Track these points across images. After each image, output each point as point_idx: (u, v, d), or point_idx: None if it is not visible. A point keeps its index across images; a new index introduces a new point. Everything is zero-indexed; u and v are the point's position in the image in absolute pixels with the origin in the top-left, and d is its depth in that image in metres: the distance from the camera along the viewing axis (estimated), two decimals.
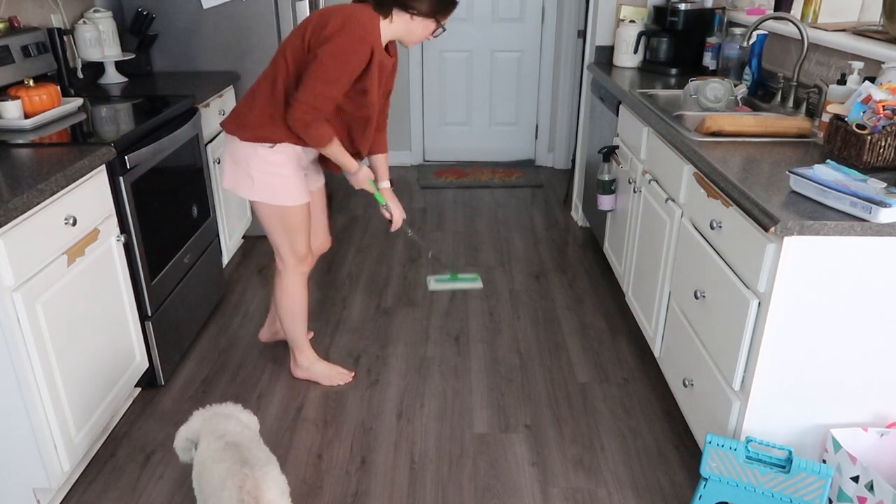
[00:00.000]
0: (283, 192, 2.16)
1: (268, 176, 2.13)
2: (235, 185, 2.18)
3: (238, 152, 2.13)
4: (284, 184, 2.15)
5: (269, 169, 2.12)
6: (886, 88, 1.88)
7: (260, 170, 2.12)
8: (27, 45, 2.53)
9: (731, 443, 1.74)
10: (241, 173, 2.15)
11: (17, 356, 1.72)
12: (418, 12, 2.04)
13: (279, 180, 2.14)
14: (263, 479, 1.52)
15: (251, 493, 1.49)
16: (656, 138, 2.47)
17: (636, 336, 2.83)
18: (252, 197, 2.17)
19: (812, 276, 1.61)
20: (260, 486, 1.50)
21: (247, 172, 2.13)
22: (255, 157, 2.11)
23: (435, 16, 2.08)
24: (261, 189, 2.15)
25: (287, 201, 2.17)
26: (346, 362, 2.65)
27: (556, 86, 4.92)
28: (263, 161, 2.11)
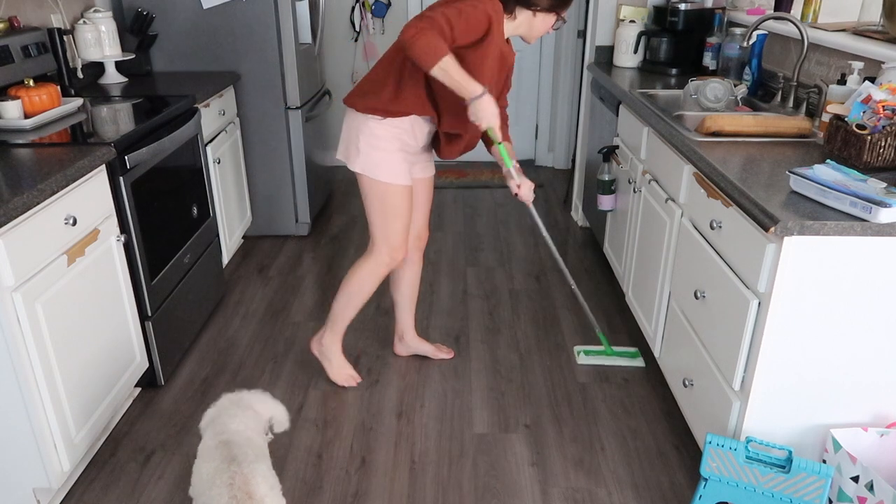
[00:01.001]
0: (385, 168, 2.14)
1: (372, 149, 2.13)
2: (346, 155, 2.19)
3: (351, 122, 2.16)
4: (387, 160, 2.14)
5: (374, 142, 2.12)
6: (886, 88, 1.88)
7: (366, 142, 2.13)
8: (27, 45, 2.53)
9: (731, 443, 1.74)
10: (352, 144, 2.16)
11: (17, 356, 1.72)
12: (540, 8, 2.04)
13: (382, 155, 2.13)
14: (252, 475, 1.52)
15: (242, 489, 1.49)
16: (656, 138, 2.47)
17: (636, 336, 2.83)
18: (356, 168, 2.17)
19: (812, 276, 1.61)
20: (249, 482, 1.51)
21: (355, 143, 2.15)
22: (364, 128, 2.12)
23: (555, 9, 2.06)
24: (364, 161, 2.15)
25: (387, 178, 2.15)
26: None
27: (556, 86, 4.92)
28: (371, 133, 2.12)
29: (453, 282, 3.29)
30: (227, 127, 3.27)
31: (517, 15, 2.05)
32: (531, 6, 2.04)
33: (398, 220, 2.22)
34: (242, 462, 1.55)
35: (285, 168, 3.62)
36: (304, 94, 3.60)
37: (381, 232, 2.23)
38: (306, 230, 3.80)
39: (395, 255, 2.27)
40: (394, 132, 2.13)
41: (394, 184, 2.17)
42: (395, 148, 2.15)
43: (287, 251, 3.62)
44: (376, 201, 2.20)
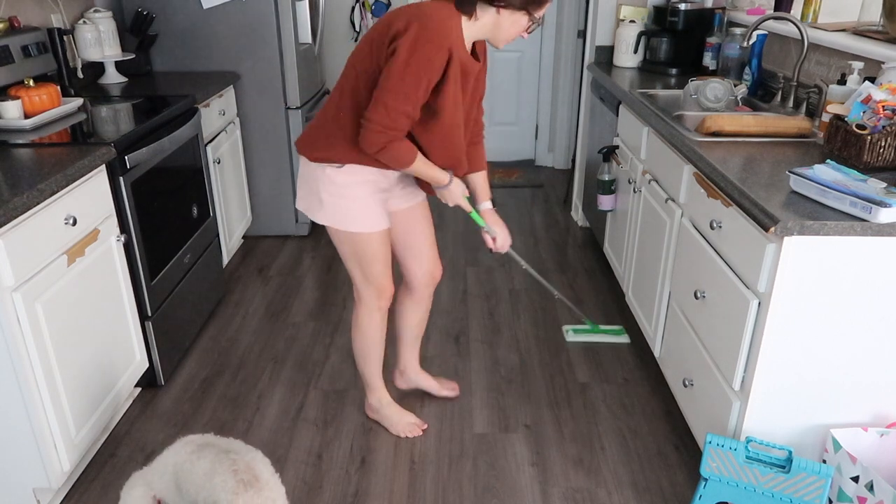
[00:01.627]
0: (353, 217, 1.94)
1: (336, 198, 1.92)
2: (307, 207, 1.99)
3: (307, 173, 1.95)
4: (354, 207, 1.93)
5: (337, 191, 1.91)
6: (886, 88, 1.88)
7: (328, 192, 1.92)
8: (27, 45, 2.53)
9: (731, 443, 1.74)
10: (312, 194, 1.96)
11: (17, 356, 1.72)
12: (507, 4, 1.73)
13: (349, 203, 1.93)
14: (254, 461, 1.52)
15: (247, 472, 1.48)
16: (656, 138, 2.47)
17: (636, 336, 2.83)
18: (321, 220, 1.98)
19: (812, 276, 1.61)
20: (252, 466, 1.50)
21: (316, 194, 1.94)
22: (322, 178, 1.91)
23: (526, 7, 1.74)
24: (330, 212, 1.95)
25: (356, 227, 1.95)
26: (346, 362, 2.65)
27: (556, 86, 4.92)
28: (331, 182, 1.91)
29: (453, 282, 3.29)
30: (227, 127, 3.27)
31: (479, 15, 1.76)
32: (494, 2, 1.73)
33: (376, 264, 2.03)
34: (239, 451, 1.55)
35: (285, 168, 3.62)
36: (304, 94, 3.60)
37: (362, 279, 2.06)
38: (306, 230, 3.80)
39: (383, 295, 2.10)
40: (361, 175, 1.91)
41: (367, 232, 1.97)
42: (363, 193, 1.93)
43: (287, 251, 3.62)
44: (349, 252, 2.02)
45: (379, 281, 2.06)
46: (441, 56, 1.69)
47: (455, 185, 1.98)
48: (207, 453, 1.56)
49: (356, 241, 1.98)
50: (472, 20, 1.76)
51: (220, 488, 1.47)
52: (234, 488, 1.46)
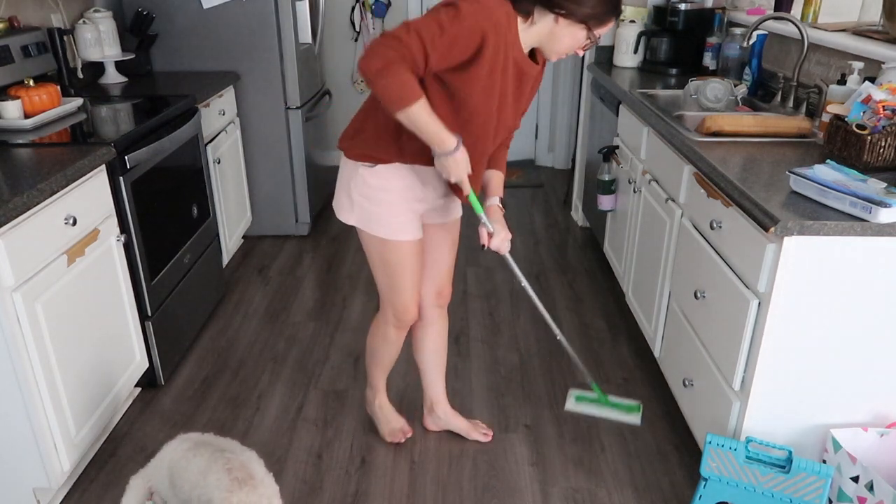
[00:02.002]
0: (380, 222, 1.82)
1: (366, 201, 1.81)
2: (338, 204, 1.90)
3: (342, 169, 1.87)
4: (383, 212, 1.81)
5: (368, 193, 1.80)
6: (886, 88, 1.88)
7: (359, 192, 1.81)
8: (27, 45, 2.53)
9: (731, 443, 1.74)
10: (343, 192, 1.87)
11: (17, 356, 1.72)
12: (567, 13, 1.57)
13: (378, 207, 1.81)
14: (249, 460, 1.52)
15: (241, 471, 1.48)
16: (656, 138, 2.47)
17: (636, 336, 2.83)
18: (350, 220, 1.86)
19: (812, 276, 1.61)
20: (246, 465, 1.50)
21: (347, 193, 1.85)
22: (355, 177, 1.81)
23: (587, 21, 1.59)
24: (359, 214, 1.84)
25: (384, 232, 1.83)
26: (345, 362, 2.65)
27: (556, 86, 4.92)
28: (363, 182, 1.80)
29: (453, 282, 3.29)
30: (227, 127, 3.27)
31: (536, 19, 1.61)
32: (554, 8, 1.57)
33: (404, 277, 1.91)
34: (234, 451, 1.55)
35: (285, 168, 3.61)
36: (304, 94, 3.60)
37: (386, 291, 1.95)
38: (306, 230, 3.80)
39: (402, 317, 1.98)
40: (394, 179, 1.79)
41: (394, 240, 1.85)
42: (395, 198, 1.81)
43: (287, 251, 3.62)
44: (376, 258, 1.90)
45: (402, 298, 1.94)
46: (473, 30, 1.53)
47: (462, 154, 1.67)
48: (203, 451, 1.56)
49: (385, 248, 1.86)
50: (529, 24, 1.62)
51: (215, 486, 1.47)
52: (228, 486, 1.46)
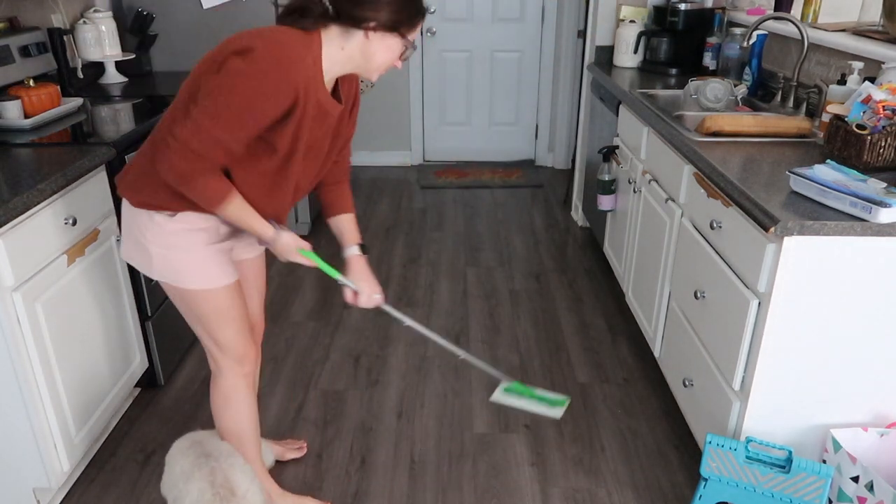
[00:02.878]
0: (189, 272, 1.59)
1: (167, 250, 1.57)
2: (135, 259, 1.63)
3: (131, 218, 1.59)
4: (190, 261, 1.59)
5: (167, 241, 1.56)
6: (886, 88, 1.88)
7: (157, 242, 1.57)
8: (27, 45, 2.53)
9: (731, 443, 1.74)
10: (138, 246, 1.60)
11: (17, 356, 1.72)
12: (378, 24, 1.42)
13: (183, 256, 1.58)
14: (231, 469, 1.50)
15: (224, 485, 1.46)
16: (656, 138, 2.47)
17: (636, 336, 2.83)
18: (153, 275, 1.61)
19: (812, 276, 1.61)
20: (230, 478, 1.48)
21: (143, 245, 1.58)
22: (149, 226, 1.56)
23: (397, 28, 1.45)
24: (160, 266, 1.59)
25: (194, 283, 1.60)
26: (346, 362, 2.65)
27: (556, 86, 4.92)
28: (161, 231, 1.55)
29: (453, 282, 3.29)
30: None
31: (344, 42, 1.45)
32: (361, 23, 1.41)
33: (230, 324, 1.68)
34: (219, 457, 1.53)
35: None
36: None
37: (213, 346, 1.71)
38: (306, 230, 3.80)
39: (244, 359, 1.74)
40: (197, 223, 1.57)
41: (212, 288, 1.62)
42: (199, 242, 1.59)
43: None
44: (189, 312, 1.67)
45: (234, 346, 1.71)
46: (286, 92, 1.38)
47: (287, 237, 1.60)
48: (190, 454, 1.55)
49: (196, 300, 1.63)
50: (338, 48, 1.45)
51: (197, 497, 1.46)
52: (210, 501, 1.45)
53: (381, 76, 1.61)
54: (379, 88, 4.89)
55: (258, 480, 1.60)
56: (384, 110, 4.97)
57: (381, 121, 5.00)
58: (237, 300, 1.68)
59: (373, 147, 5.09)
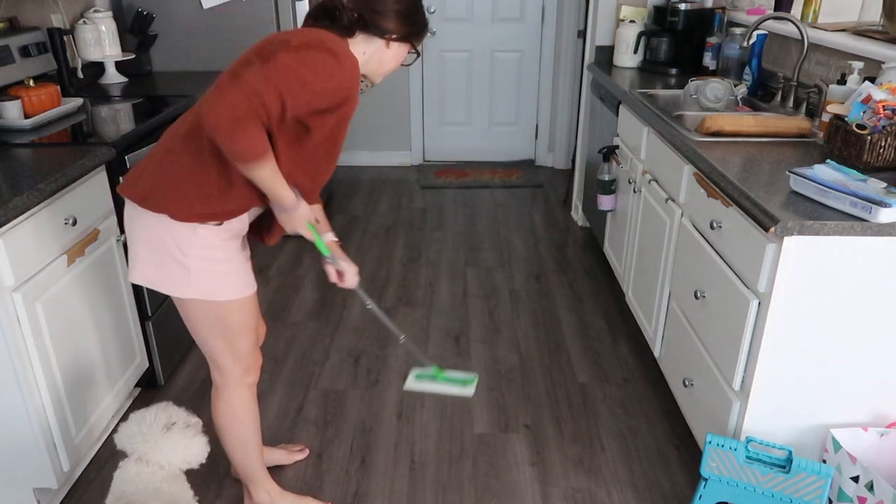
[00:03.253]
0: (229, 283, 1.61)
1: (211, 263, 1.56)
2: (158, 280, 1.58)
3: (164, 235, 1.53)
4: (231, 271, 1.61)
5: (213, 254, 1.56)
6: (886, 88, 1.88)
7: (201, 256, 1.55)
8: (27, 45, 2.53)
9: (731, 443, 1.74)
10: (169, 263, 1.55)
11: (18, 356, 1.72)
12: (399, 36, 1.55)
13: (225, 267, 1.59)
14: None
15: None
16: (656, 138, 2.47)
17: (636, 336, 2.83)
18: (188, 294, 1.58)
19: (812, 276, 1.61)
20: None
21: (179, 262, 1.54)
22: (193, 240, 1.53)
23: (411, 38, 1.59)
24: (200, 283, 1.57)
25: (232, 294, 1.62)
26: (346, 362, 2.65)
27: (556, 86, 4.92)
28: (206, 243, 1.54)
29: (453, 282, 3.29)
30: None
31: (366, 48, 1.56)
32: (385, 34, 1.54)
33: (246, 334, 1.70)
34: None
35: None
36: None
37: (228, 356, 1.70)
38: None
39: (253, 367, 1.77)
40: (232, 233, 1.59)
41: (242, 297, 1.65)
42: (236, 250, 1.62)
43: (287, 251, 3.62)
44: (216, 327, 1.65)
45: (249, 354, 1.73)
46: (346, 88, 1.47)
47: (304, 208, 1.61)
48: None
49: (229, 311, 1.63)
50: (360, 54, 1.55)
51: None
52: None
53: None
54: (379, 88, 4.89)
55: None
56: (384, 110, 4.98)
57: (381, 121, 5.01)
58: (256, 306, 1.73)
59: (373, 147, 5.09)
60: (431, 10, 4.71)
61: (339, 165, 5.09)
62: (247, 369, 1.74)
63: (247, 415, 1.78)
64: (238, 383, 1.74)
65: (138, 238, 1.56)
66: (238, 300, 1.64)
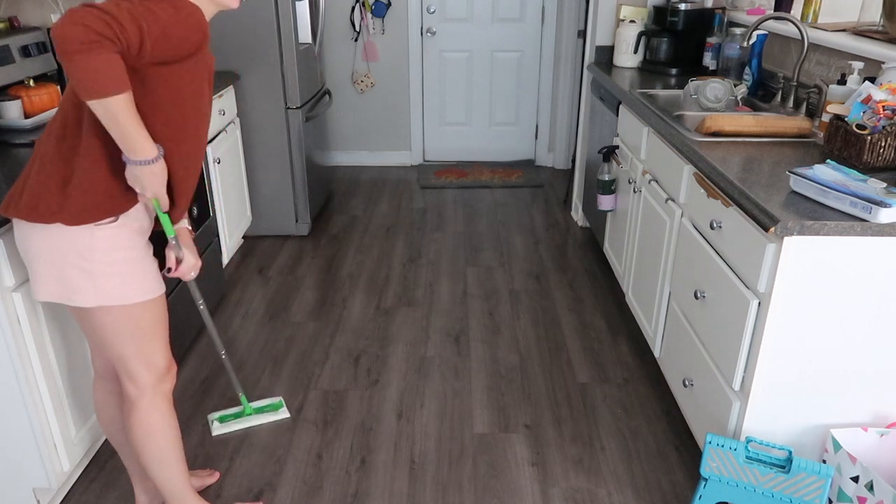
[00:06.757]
0: (137, 283, 1.51)
1: (116, 266, 1.46)
2: (62, 293, 1.47)
3: (62, 244, 1.43)
4: (138, 269, 1.50)
5: (116, 255, 1.46)
6: (886, 88, 1.88)
7: (105, 260, 1.45)
8: (27, 45, 2.53)
9: (731, 443, 1.74)
10: (72, 273, 1.45)
11: (18, 356, 1.72)
12: None
13: (132, 267, 1.49)
14: None
15: None
16: (656, 138, 2.47)
17: (636, 336, 2.83)
18: (95, 301, 1.47)
19: (812, 276, 1.61)
20: None
21: (82, 269, 1.44)
22: (95, 244, 1.44)
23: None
24: (107, 288, 1.46)
25: (141, 295, 1.52)
26: (346, 362, 2.65)
27: (556, 86, 4.92)
28: (110, 246, 1.45)
29: (453, 282, 3.29)
30: (227, 127, 3.27)
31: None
32: None
33: (163, 334, 1.61)
34: None
35: (285, 168, 3.62)
36: (304, 94, 3.60)
37: (141, 363, 1.59)
38: (306, 230, 3.80)
39: (169, 373, 1.66)
40: (134, 227, 1.50)
41: (153, 298, 1.55)
42: (142, 248, 1.52)
43: (287, 251, 3.62)
44: (128, 331, 1.54)
45: (162, 359, 1.62)
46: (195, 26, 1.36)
47: (161, 166, 1.42)
48: None
49: (139, 313, 1.53)
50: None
51: None
52: None
53: None
54: (379, 88, 4.89)
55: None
56: (384, 110, 4.98)
57: (381, 121, 5.01)
58: (165, 305, 1.62)
59: (373, 147, 5.09)
60: (431, 10, 4.71)
61: (339, 165, 5.10)
62: (161, 376, 1.63)
63: (166, 426, 1.65)
64: (154, 392, 1.63)
65: (34, 256, 1.46)
66: (148, 300, 1.54)
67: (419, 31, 4.75)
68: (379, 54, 4.80)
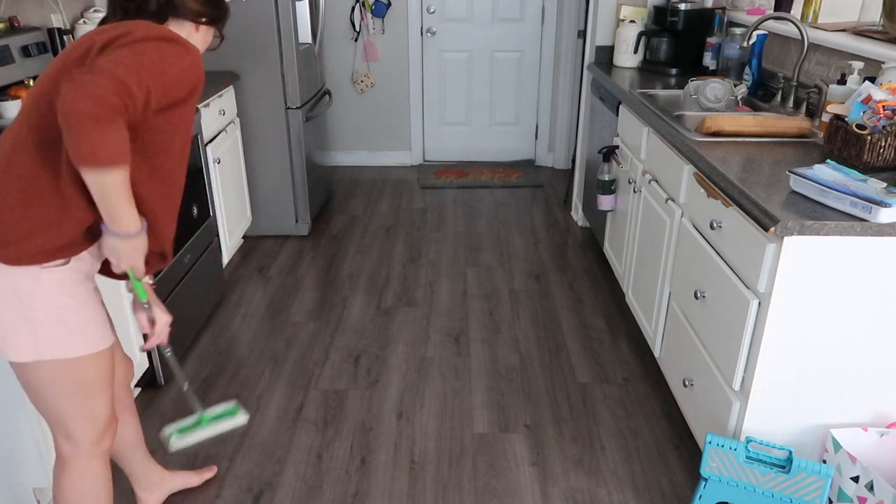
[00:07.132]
0: (83, 335, 1.38)
1: (59, 313, 1.33)
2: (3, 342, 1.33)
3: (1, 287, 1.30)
4: (85, 319, 1.38)
5: (60, 301, 1.33)
6: (886, 88, 1.88)
7: (48, 306, 1.32)
8: (27, 45, 2.53)
9: (731, 443, 1.74)
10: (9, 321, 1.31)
11: None
12: (208, 20, 1.46)
13: (78, 316, 1.36)
14: None
15: None
16: (656, 138, 2.47)
17: (636, 336, 2.83)
18: (32, 356, 1.34)
19: (812, 276, 1.61)
20: None
21: (21, 317, 1.31)
22: (39, 289, 1.31)
23: (216, 23, 1.50)
24: (48, 339, 1.33)
25: (87, 347, 1.39)
26: (346, 362, 2.65)
27: (556, 86, 4.92)
28: (56, 291, 1.32)
29: (453, 282, 3.29)
30: (227, 127, 3.27)
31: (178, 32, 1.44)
32: (196, 17, 1.44)
33: (104, 391, 1.47)
34: None
35: (285, 168, 3.62)
36: (304, 94, 3.60)
37: (82, 422, 1.45)
38: (306, 230, 3.80)
39: (108, 434, 1.52)
40: (83, 273, 1.38)
41: (100, 350, 1.42)
42: (89, 293, 1.40)
43: (287, 251, 3.62)
44: (69, 387, 1.40)
45: (104, 415, 1.49)
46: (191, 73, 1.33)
47: (142, 242, 1.36)
48: None
49: (80, 368, 1.40)
50: None
51: None
52: None
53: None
54: (379, 88, 4.89)
55: None
56: (384, 110, 4.98)
57: (381, 121, 5.01)
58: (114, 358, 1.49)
59: (373, 147, 5.09)
60: (431, 10, 4.71)
61: (339, 165, 5.10)
62: (102, 434, 1.50)
63: (99, 490, 1.53)
64: (92, 452, 1.49)
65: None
66: (94, 353, 1.41)
67: (419, 31, 4.75)
68: (379, 54, 4.80)
